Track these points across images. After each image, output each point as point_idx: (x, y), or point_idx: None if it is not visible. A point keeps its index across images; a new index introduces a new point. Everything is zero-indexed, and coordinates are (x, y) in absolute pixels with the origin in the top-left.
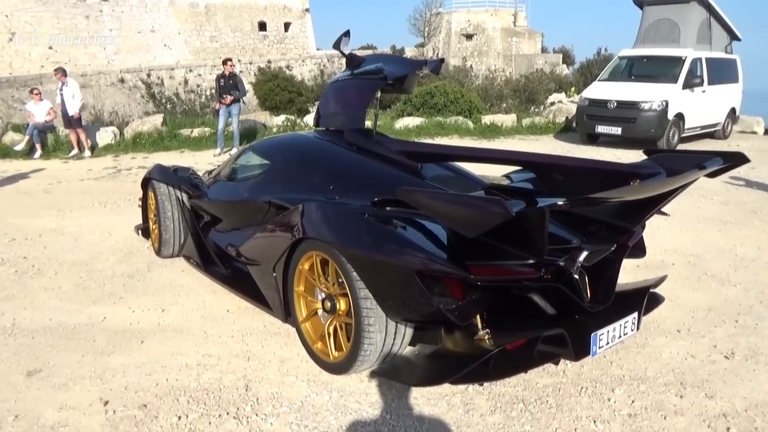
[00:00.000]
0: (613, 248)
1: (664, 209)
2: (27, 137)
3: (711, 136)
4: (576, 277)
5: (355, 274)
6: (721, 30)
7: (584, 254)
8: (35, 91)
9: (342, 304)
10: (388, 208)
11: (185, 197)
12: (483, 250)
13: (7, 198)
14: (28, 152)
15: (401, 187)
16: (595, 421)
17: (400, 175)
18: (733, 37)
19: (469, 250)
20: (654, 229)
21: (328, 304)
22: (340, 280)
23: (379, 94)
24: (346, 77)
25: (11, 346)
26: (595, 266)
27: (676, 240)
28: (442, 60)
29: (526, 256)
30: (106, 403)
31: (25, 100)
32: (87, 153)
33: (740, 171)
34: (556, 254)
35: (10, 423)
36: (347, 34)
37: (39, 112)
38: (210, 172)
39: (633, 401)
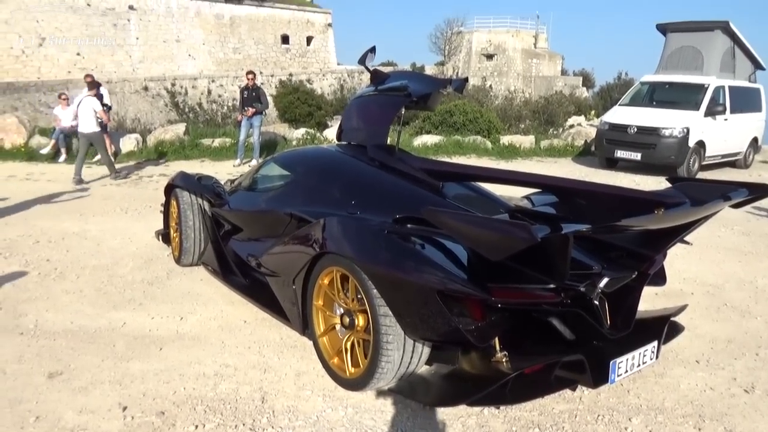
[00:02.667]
0: (634, 275)
1: (687, 239)
2: (53, 141)
3: (732, 165)
4: (596, 303)
5: (375, 290)
6: (745, 59)
7: (605, 280)
8: (63, 96)
9: (360, 320)
10: (409, 226)
11: (207, 205)
12: (504, 272)
13: (32, 201)
14: (54, 156)
15: (428, 208)
16: None
17: (422, 193)
18: (757, 66)
19: (491, 271)
20: (673, 258)
21: (347, 320)
22: (359, 296)
23: (402, 111)
24: (371, 93)
25: (34, 347)
26: (615, 293)
27: (695, 269)
28: (466, 79)
29: (547, 280)
30: (124, 408)
31: (52, 105)
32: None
33: (762, 201)
34: (576, 279)
35: (32, 424)
36: (373, 50)
37: (65, 116)
38: (232, 181)
39: (650, 431)
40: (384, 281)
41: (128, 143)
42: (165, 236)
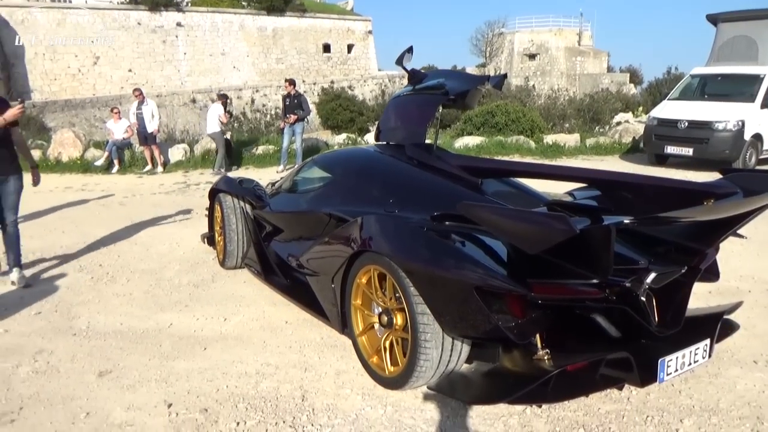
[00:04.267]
0: (683, 271)
1: (740, 231)
2: (106, 153)
3: None
4: (643, 299)
5: (412, 288)
6: None
7: (652, 276)
8: (115, 110)
9: (399, 319)
10: (447, 223)
11: (249, 208)
12: (545, 267)
13: (87, 210)
14: (107, 167)
15: (463, 202)
16: None
17: (460, 190)
18: None
19: (531, 267)
20: (728, 254)
21: (385, 319)
22: (397, 294)
23: (440, 110)
24: (408, 93)
25: (85, 347)
26: (664, 289)
27: (752, 265)
28: (504, 76)
29: (590, 275)
30: (169, 405)
31: (107, 119)
32: (159, 169)
33: None
34: (622, 275)
35: (82, 420)
36: (410, 50)
37: (118, 129)
38: (273, 184)
39: None
40: (421, 278)
41: (176, 153)
42: (210, 239)
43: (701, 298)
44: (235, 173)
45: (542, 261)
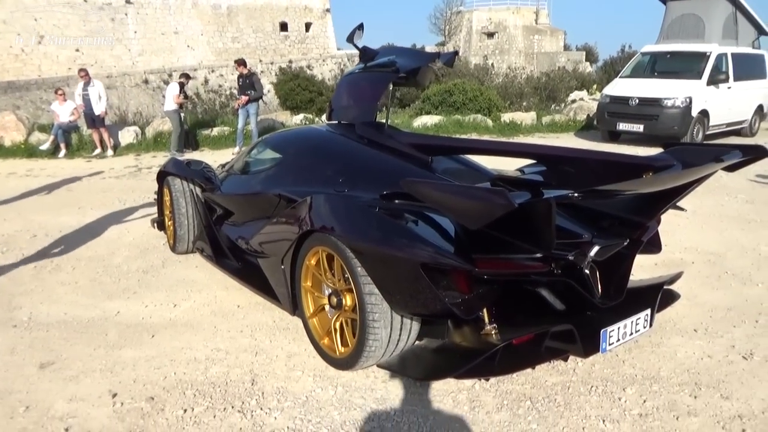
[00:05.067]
0: (625, 243)
1: (681, 204)
2: (52, 137)
3: (737, 133)
4: (587, 272)
5: (360, 269)
6: (748, 24)
7: (595, 249)
8: (59, 92)
9: (348, 300)
10: (396, 201)
11: (198, 190)
12: (490, 243)
13: (31, 196)
14: (53, 152)
15: (405, 179)
16: (604, 421)
17: (410, 167)
18: (761, 32)
19: (476, 243)
20: (674, 227)
21: (335, 300)
22: (345, 275)
23: (391, 87)
24: (359, 70)
25: (26, 339)
26: (607, 261)
27: (697, 238)
28: (456, 53)
29: (534, 249)
30: (114, 395)
31: (52, 102)
32: (110, 152)
33: (767, 168)
34: (566, 248)
35: (21, 414)
36: (360, 27)
37: (63, 112)
38: (224, 166)
39: (645, 401)
40: (368, 257)
41: (127, 136)
42: (160, 223)
43: (648, 269)
44: (191, 155)
45: (488, 237)
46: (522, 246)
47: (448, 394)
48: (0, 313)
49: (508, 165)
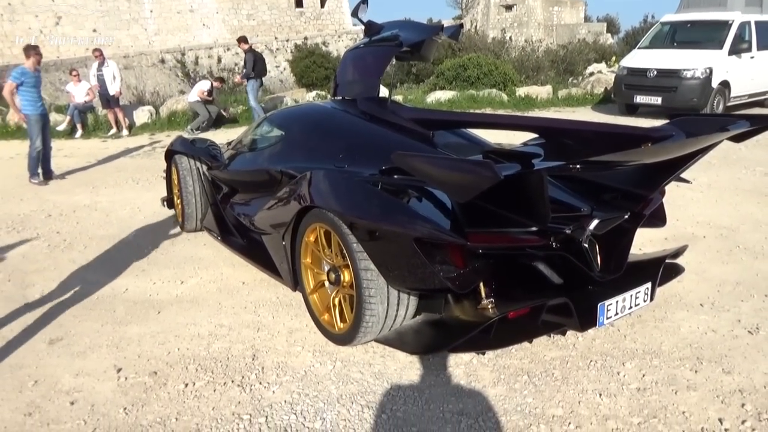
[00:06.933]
0: (626, 216)
1: (686, 177)
2: (68, 118)
3: (761, 104)
4: (586, 245)
5: (356, 245)
6: None
7: (595, 222)
8: (74, 73)
9: (346, 276)
10: (396, 177)
11: (205, 168)
12: (487, 217)
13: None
14: (70, 132)
15: (396, 152)
16: (600, 395)
17: (411, 142)
18: None
19: (473, 217)
20: (688, 201)
21: (333, 276)
22: (343, 251)
23: (394, 61)
24: (363, 45)
25: (38, 315)
26: (607, 235)
27: (710, 212)
28: (461, 26)
29: (529, 223)
30: (119, 370)
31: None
32: (125, 132)
33: None
34: (564, 222)
35: (30, 388)
36: (365, 1)
37: (78, 92)
38: (230, 143)
39: (644, 375)
40: (363, 233)
41: (142, 115)
42: (170, 201)
43: (658, 244)
44: (211, 135)
45: (485, 211)
46: (518, 220)
47: (445, 368)
48: (14, 290)
49: (514, 139)
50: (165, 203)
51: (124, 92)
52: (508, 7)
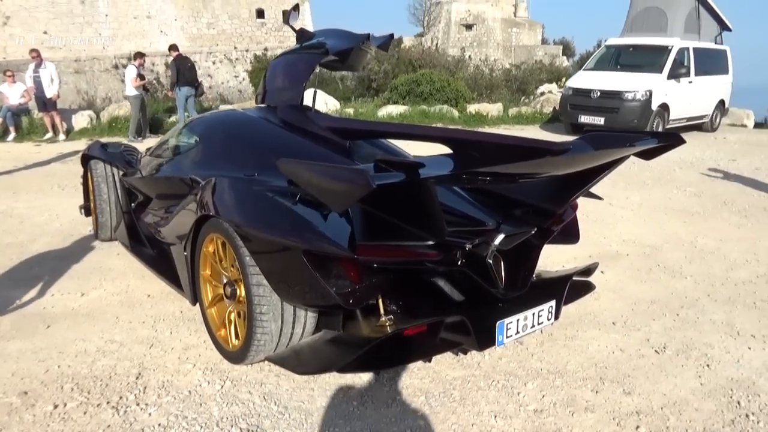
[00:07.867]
0: (533, 231)
1: (597, 194)
2: (0, 120)
3: (699, 128)
4: (490, 261)
5: (249, 258)
6: (711, 19)
7: (501, 237)
8: (8, 73)
9: (241, 290)
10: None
11: (119, 175)
12: (388, 231)
13: None
14: (2, 135)
15: (281, 159)
16: (496, 417)
17: (325, 152)
18: (723, 27)
19: (373, 230)
20: (617, 219)
21: (229, 290)
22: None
23: (318, 70)
24: (291, 52)
25: None
26: (514, 251)
27: (637, 231)
28: (391, 35)
29: (426, 237)
30: None
31: None
32: (62, 136)
33: (719, 163)
34: (468, 236)
35: None
36: (296, 8)
37: (13, 94)
38: (149, 150)
39: (543, 396)
40: (255, 244)
41: (81, 120)
42: (87, 209)
43: (582, 261)
44: (151, 141)
45: (388, 224)
46: (417, 233)
47: (339, 388)
48: None
49: (437, 151)
50: (82, 210)
51: (74, 97)
52: (469, 27)
